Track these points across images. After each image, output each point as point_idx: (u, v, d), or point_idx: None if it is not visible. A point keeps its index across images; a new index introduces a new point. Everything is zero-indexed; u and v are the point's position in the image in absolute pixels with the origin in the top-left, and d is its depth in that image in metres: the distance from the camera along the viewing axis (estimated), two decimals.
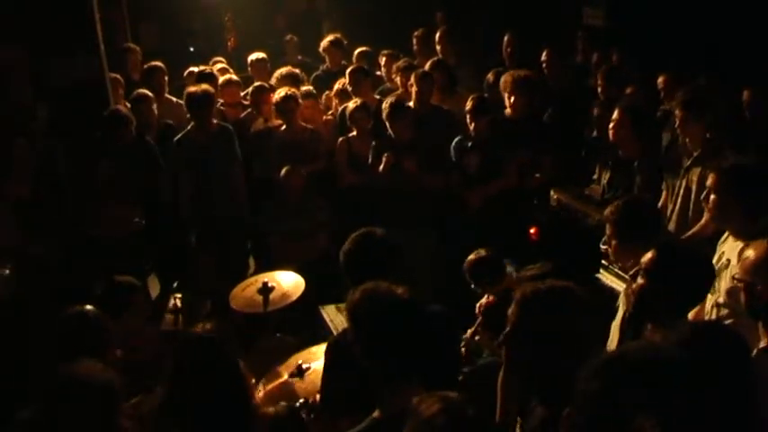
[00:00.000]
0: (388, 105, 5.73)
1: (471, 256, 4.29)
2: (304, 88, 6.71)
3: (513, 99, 5.69)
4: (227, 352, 2.60)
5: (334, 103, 6.87)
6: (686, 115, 4.44)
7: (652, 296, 2.88)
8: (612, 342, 3.53)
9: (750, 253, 2.74)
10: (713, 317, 3.36)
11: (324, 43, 7.66)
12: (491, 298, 4.24)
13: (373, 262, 3.18)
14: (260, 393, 3.67)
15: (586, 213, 4.97)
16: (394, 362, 2.47)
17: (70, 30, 5.74)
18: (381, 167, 5.76)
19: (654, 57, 6.41)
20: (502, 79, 5.80)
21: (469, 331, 4.29)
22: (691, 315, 3.46)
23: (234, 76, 7.16)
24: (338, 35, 7.78)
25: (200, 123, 5.99)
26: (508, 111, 5.76)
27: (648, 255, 2.92)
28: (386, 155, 5.73)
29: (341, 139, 6.21)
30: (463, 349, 4.17)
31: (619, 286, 4.02)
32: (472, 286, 4.31)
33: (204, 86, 6.06)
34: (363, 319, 2.54)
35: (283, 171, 5.94)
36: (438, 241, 5.82)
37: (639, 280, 2.96)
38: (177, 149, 6.07)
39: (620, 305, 3.59)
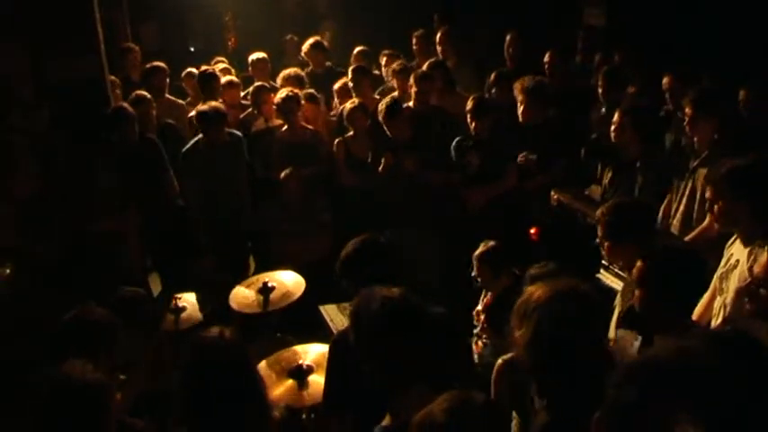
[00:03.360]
0: (384, 106, 5.76)
1: (480, 248, 4.28)
2: (306, 91, 6.72)
3: (524, 107, 5.60)
4: (250, 357, 2.59)
5: (335, 103, 6.87)
6: (696, 115, 4.41)
7: (650, 305, 2.87)
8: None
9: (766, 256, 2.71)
10: (720, 318, 3.35)
11: (304, 47, 7.72)
12: (488, 297, 4.23)
13: (374, 268, 3.19)
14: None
15: (587, 213, 4.96)
16: (397, 366, 2.44)
17: (71, 29, 5.74)
18: (381, 168, 5.76)
19: (654, 57, 6.40)
20: (515, 86, 5.74)
21: (476, 332, 4.29)
22: (696, 316, 3.46)
23: (235, 78, 7.15)
24: (318, 38, 7.85)
25: (211, 140, 5.94)
26: (520, 117, 5.67)
27: (637, 265, 2.91)
28: (385, 155, 5.74)
29: (338, 139, 6.22)
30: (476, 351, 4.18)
31: (618, 286, 4.01)
32: (478, 280, 4.29)
33: (214, 104, 6.01)
34: (363, 324, 2.53)
35: (282, 174, 5.93)
36: (439, 241, 5.81)
37: (636, 292, 2.95)
38: (186, 160, 6.05)
39: (617, 305, 3.59)
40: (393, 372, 2.44)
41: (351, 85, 6.59)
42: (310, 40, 7.74)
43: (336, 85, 6.84)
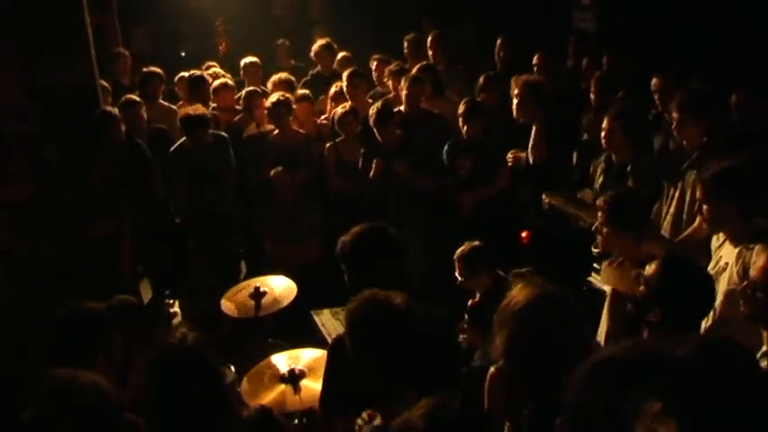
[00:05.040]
0: (374, 112, 5.78)
1: (464, 247, 4.28)
2: (300, 92, 6.71)
3: (518, 101, 5.59)
4: (208, 359, 2.60)
5: (329, 107, 6.86)
6: (684, 118, 4.40)
7: (650, 308, 2.88)
8: (602, 333, 3.56)
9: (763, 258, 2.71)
10: (709, 320, 3.36)
11: (315, 48, 7.67)
12: (477, 297, 4.24)
13: (377, 258, 3.15)
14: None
15: (578, 217, 4.97)
16: (390, 371, 2.43)
17: (61, 33, 5.72)
18: (372, 173, 5.78)
19: (645, 61, 6.42)
20: (513, 82, 5.75)
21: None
22: None
23: (229, 81, 7.13)
24: (329, 40, 7.79)
25: (196, 142, 5.94)
26: (514, 112, 5.67)
27: (652, 267, 2.91)
28: (376, 160, 5.76)
29: (329, 144, 6.22)
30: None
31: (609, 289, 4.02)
32: (459, 279, 4.29)
33: (200, 109, 6.01)
34: (358, 329, 2.52)
35: (272, 172, 5.94)
36: (431, 245, 5.82)
37: (640, 288, 2.96)
38: (172, 161, 6.05)
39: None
40: (386, 376, 2.44)
41: (347, 89, 6.56)
42: (321, 41, 7.68)
43: (333, 88, 6.79)
